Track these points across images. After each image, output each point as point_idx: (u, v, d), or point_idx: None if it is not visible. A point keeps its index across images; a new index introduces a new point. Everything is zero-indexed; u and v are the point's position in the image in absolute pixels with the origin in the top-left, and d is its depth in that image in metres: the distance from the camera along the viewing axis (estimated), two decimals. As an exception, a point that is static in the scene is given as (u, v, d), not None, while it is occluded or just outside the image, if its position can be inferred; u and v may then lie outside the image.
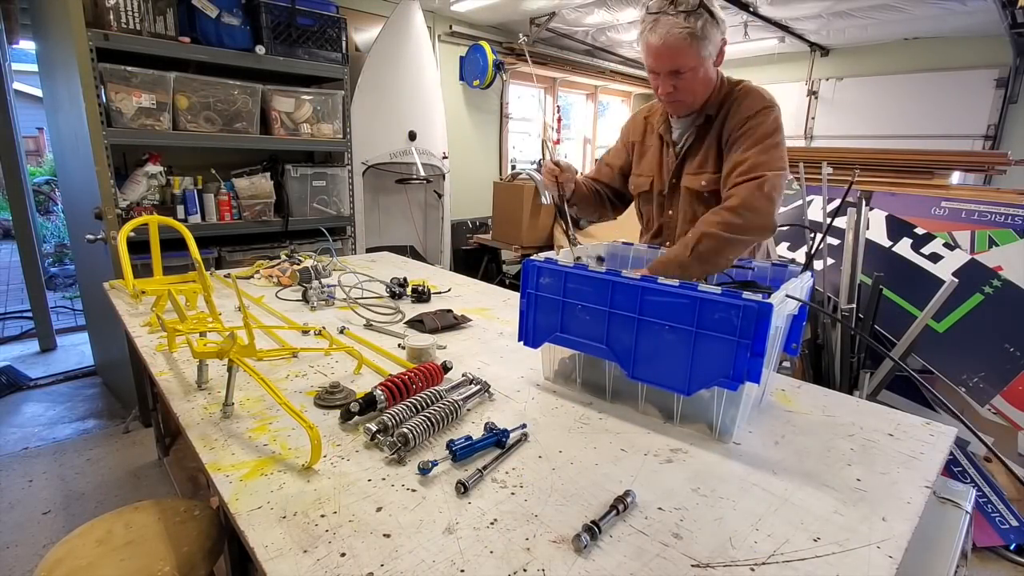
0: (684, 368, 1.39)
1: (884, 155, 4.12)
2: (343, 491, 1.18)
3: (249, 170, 4.16)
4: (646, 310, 1.43)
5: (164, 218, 2.45)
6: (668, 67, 1.87)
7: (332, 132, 4.36)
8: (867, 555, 1.02)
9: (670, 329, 1.39)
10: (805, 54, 7.63)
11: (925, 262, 3.10)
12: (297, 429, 1.42)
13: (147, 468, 3.35)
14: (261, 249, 4.02)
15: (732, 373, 1.32)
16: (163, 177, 3.65)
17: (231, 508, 1.12)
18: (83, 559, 1.48)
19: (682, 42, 1.80)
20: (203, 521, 1.67)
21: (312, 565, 0.97)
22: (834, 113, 7.63)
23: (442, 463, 1.27)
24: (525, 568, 0.97)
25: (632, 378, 1.49)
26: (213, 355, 1.60)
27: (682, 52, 1.83)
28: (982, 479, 2.80)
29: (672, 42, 1.81)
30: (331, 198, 4.47)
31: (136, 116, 3.41)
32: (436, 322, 2.21)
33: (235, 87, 3.77)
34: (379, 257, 3.77)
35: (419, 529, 1.06)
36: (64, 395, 4.29)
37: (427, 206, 5.93)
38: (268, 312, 2.41)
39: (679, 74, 1.88)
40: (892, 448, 1.42)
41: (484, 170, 7.30)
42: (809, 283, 1.65)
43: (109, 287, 2.75)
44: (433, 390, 1.55)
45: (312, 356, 1.95)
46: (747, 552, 1.02)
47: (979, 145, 6.54)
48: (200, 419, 1.49)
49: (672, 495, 1.19)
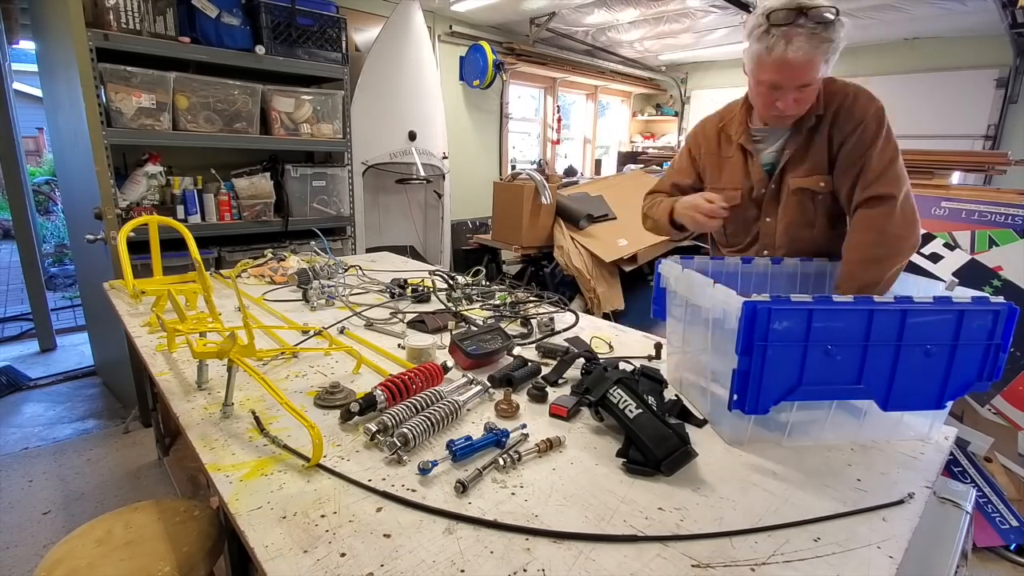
0: (937, 384, 1.37)
1: (884, 155, 4.11)
2: (343, 491, 1.18)
3: (249, 170, 4.15)
4: (905, 335, 1.33)
5: (164, 218, 2.44)
6: (800, 82, 1.74)
7: (332, 132, 4.36)
8: (867, 555, 1.02)
9: (928, 349, 1.34)
10: (805, 54, 7.63)
11: (925, 262, 3.10)
12: (297, 429, 1.41)
13: (147, 468, 3.35)
14: (261, 249, 4.02)
15: (984, 375, 1.34)
16: (163, 177, 3.65)
17: (231, 508, 1.12)
18: (83, 559, 1.48)
19: (819, 56, 1.69)
20: (203, 521, 1.67)
21: (312, 565, 0.97)
22: (834, 113, 7.63)
23: (442, 463, 1.27)
24: (525, 568, 0.97)
25: (885, 410, 1.38)
26: (213, 355, 1.60)
27: (816, 66, 1.71)
28: (982, 479, 2.80)
29: (812, 56, 1.68)
30: (331, 198, 4.47)
31: (136, 116, 3.40)
32: (437, 322, 2.21)
33: (235, 87, 3.77)
34: (379, 257, 3.77)
35: (419, 529, 1.06)
36: (64, 395, 4.29)
37: (427, 206, 5.93)
38: (268, 312, 2.41)
39: (805, 87, 1.76)
40: (892, 448, 1.42)
41: (484, 170, 7.30)
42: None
43: (109, 287, 2.75)
44: (433, 390, 1.54)
45: (312, 356, 1.95)
46: (747, 552, 1.02)
47: (979, 145, 6.55)
48: (200, 419, 1.49)
49: (672, 495, 1.19)
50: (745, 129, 2.00)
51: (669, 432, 1.26)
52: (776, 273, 1.91)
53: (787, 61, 1.69)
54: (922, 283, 1.65)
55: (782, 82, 1.74)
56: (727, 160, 2.06)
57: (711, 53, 8.25)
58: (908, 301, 1.31)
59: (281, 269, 2.96)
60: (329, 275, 2.81)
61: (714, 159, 2.10)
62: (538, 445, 1.33)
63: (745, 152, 2.01)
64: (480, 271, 2.89)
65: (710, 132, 2.13)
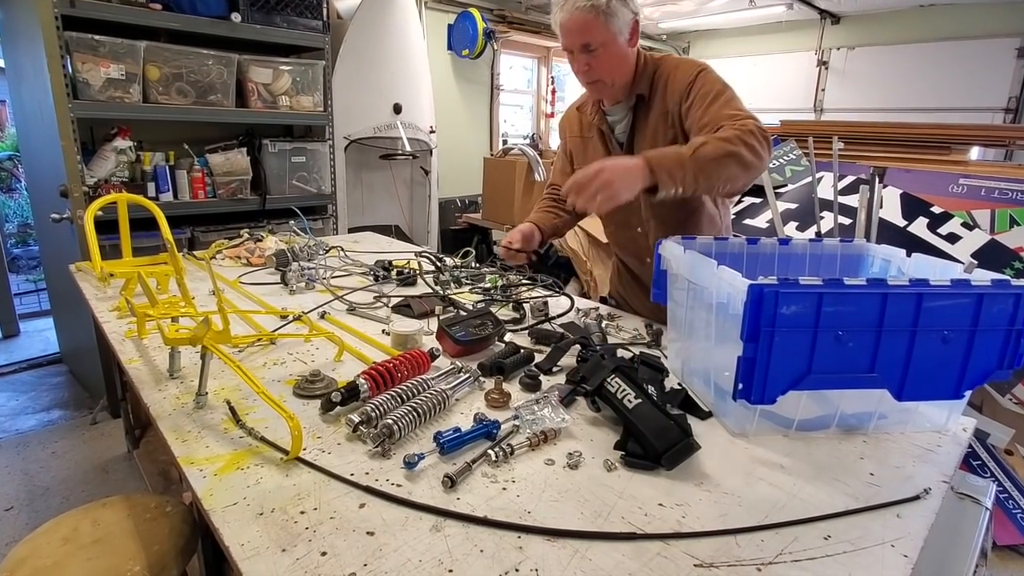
0: (955, 372, 1.36)
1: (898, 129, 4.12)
2: (324, 486, 1.17)
3: (224, 145, 4.12)
4: (921, 320, 1.31)
5: (134, 196, 2.42)
6: (578, 42, 1.96)
7: (312, 105, 4.33)
8: (881, 554, 1.02)
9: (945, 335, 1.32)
10: (815, 22, 7.61)
11: (942, 243, 3.10)
12: (275, 421, 1.40)
13: (116, 462, 3.35)
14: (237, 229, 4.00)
15: (1004, 362, 1.34)
16: (133, 153, 3.62)
17: (205, 504, 1.11)
18: (48, 558, 1.47)
19: (587, 15, 1.90)
20: (175, 518, 1.66)
21: (291, 564, 0.96)
22: (845, 84, 7.64)
23: (429, 456, 1.26)
24: (517, 568, 0.97)
25: (900, 400, 1.37)
26: (186, 341, 1.59)
27: (588, 26, 1.92)
28: (1003, 473, 2.81)
29: (578, 16, 1.91)
30: (311, 175, 4.45)
31: (104, 88, 3.38)
32: (424, 306, 2.20)
33: (209, 57, 3.74)
34: (362, 237, 3.75)
35: (405, 526, 1.06)
36: (27, 384, 4.28)
37: (413, 183, 5.91)
38: (244, 296, 2.40)
39: (590, 50, 1.96)
40: (907, 440, 1.42)
41: (474, 145, 7.27)
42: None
43: (75, 269, 2.73)
44: (420, 379, 1.53)
45: (291, 343, 1.94)
46: (753, 551, 1.02)
47: (999, 118, 6.55)
48: (172, 410, 1.48)
49: (673, 490, 1.19)
50: (598, 109, 2.22)
51: (670, 423, 1.25)
52: (784, 254, 1.90)
53: (563, 26, 1.96)
54: (939, 265, 1.64)
55: (567, 44, 2.01)
56: (589, 141, 2.30)
57: (714, 21, 8.23)
58: (924, 284, 1.29)
59: (258, 250, 2.95)
60: (309, 257, 2.79)
61: (578, 142, 2.35)
62: (530, 438, 1.33)
63: (602, 132, 2.23)
64: (470, 252, 2.88)
65: (572, 117, 2.39)
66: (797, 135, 4.37)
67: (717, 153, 1.72)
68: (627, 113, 2.14)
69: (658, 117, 2.07)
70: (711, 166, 1.72)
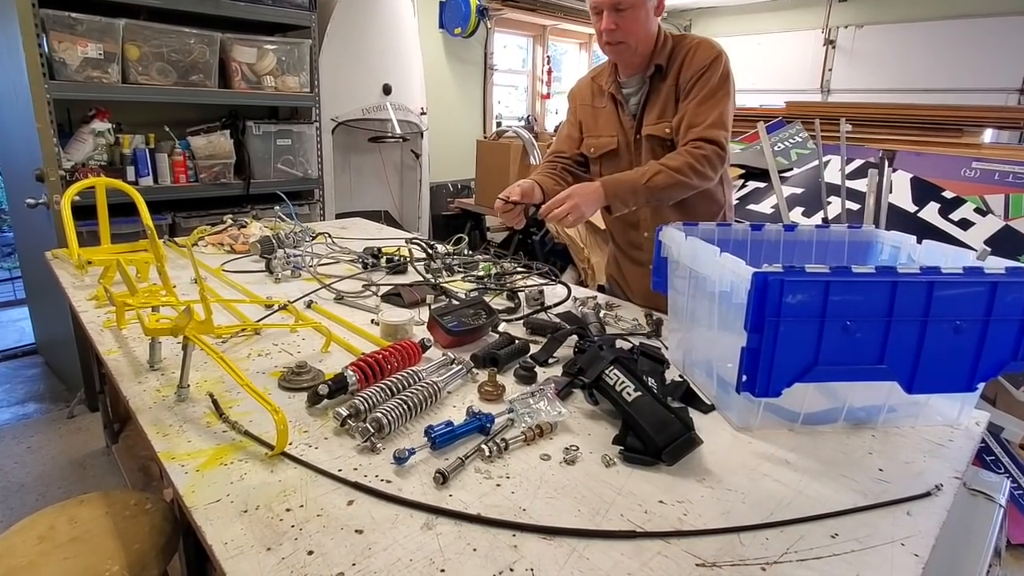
0: (967, 363, 1.35)
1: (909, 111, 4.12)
2: (311, 482, 1.17)
3: (206, 127, 4.10)
4: (932, 310, 1.30)
5: (112, 180, 2.43)
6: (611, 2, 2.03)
7: (298, 85, 4.32)
8: (890, 553, 1.02)
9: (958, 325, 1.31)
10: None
11: (954, 229, 3.10)
12: (260, 414, 1.40)
13: (94, 457, 3.35)
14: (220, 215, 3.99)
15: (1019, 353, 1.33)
16: (111, 135, 3.61)
17: (187, 501, 1.11)
18: (22, 557, 1.47)
19: None
20: (156, 516, 1.66)
21: (276, 564, 0.96)
22: (854, 64, 7.62)
23: (420, 451, 1.26)
24: (512, 567, 0.97)
25: (910, 393, 1.36)
26: (167, 332, 1.59)
27: None
28: (1017, 469, 2.81)
29: None
30: (297, 158, 4.44)
31: (82, 67, 3.36)
32: (414, 295, 2.19)
33: (191, 35, 3.72)
34: (350, 223, 3.74)
35: (394, 524, 1.06)
36: (1, 376, 4.27)
37: (403, 167, 5.88)
38: (227, 284, 2.39)
39: (620, 10, 2.04)
40: (917, 435, 1.42)
41: (467, 127, 7.25)
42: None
43: (52, 257, 2.72)
44: (410, 371, 1.53)
45: (276, 333, 1.93)
46: (757, 550, 1.02)
47: (1013, 99, 6.55)
48: (152, 403, 1.48)
49: (674, 486, 1.19)
50: (615, 80, 2.30)
51: (671, 417, 1.25)
52: (789, 241, 1.90)
53: None
54: (951, 252, 1.64)
55: (598, 2, 2.06)
56: (600, 110, 2.38)
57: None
58: (935, 272, 1.29)
59: (242, 237, 2.94)
60: (295, 243, 2.79)
61: (588, 110, 2.43)
62: (526, 432, 1.32)
63: (616, 102, 2.31)
64: (462, 239, 2.88)
65: (584, 86, 2.47)
66: (803, 117, 4.37)
67: (667, 183, 2.02)
68: (642, 85, 2.22)
69: (669, 91, 2.17)
70: (660, 192, 2.04)
